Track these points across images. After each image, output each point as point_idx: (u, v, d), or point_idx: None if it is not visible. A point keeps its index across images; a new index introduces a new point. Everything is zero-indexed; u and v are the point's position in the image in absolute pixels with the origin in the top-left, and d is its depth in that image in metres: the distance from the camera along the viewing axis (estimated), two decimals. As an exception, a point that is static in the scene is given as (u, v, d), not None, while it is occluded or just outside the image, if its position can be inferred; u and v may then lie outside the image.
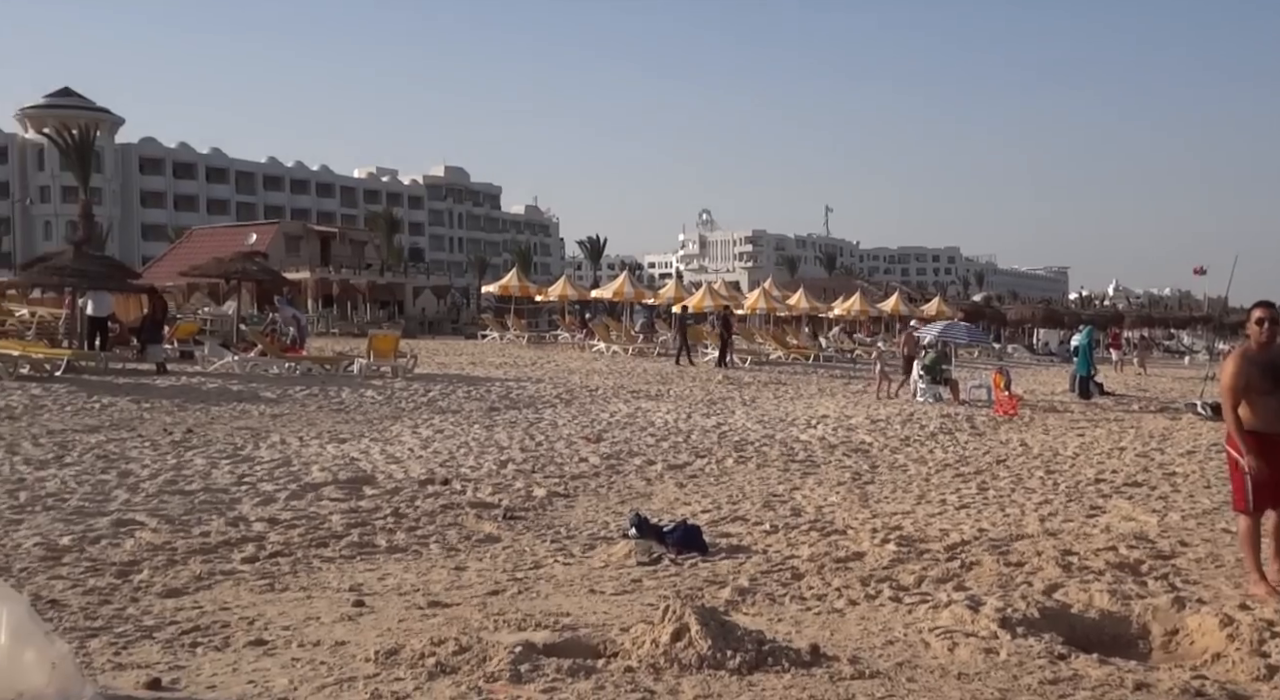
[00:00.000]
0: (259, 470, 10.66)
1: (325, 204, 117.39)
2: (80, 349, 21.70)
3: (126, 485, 9.56)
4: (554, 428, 15.27)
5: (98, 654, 4.86)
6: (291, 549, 7.35)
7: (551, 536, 8.06)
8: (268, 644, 5.03)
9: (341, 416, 15.87)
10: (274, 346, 23.82)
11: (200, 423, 14.31)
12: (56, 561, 6.74)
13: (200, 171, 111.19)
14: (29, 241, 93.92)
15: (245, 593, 6.17)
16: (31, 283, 25.77)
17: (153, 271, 49.15)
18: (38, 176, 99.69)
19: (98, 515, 8.21)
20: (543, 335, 45.09)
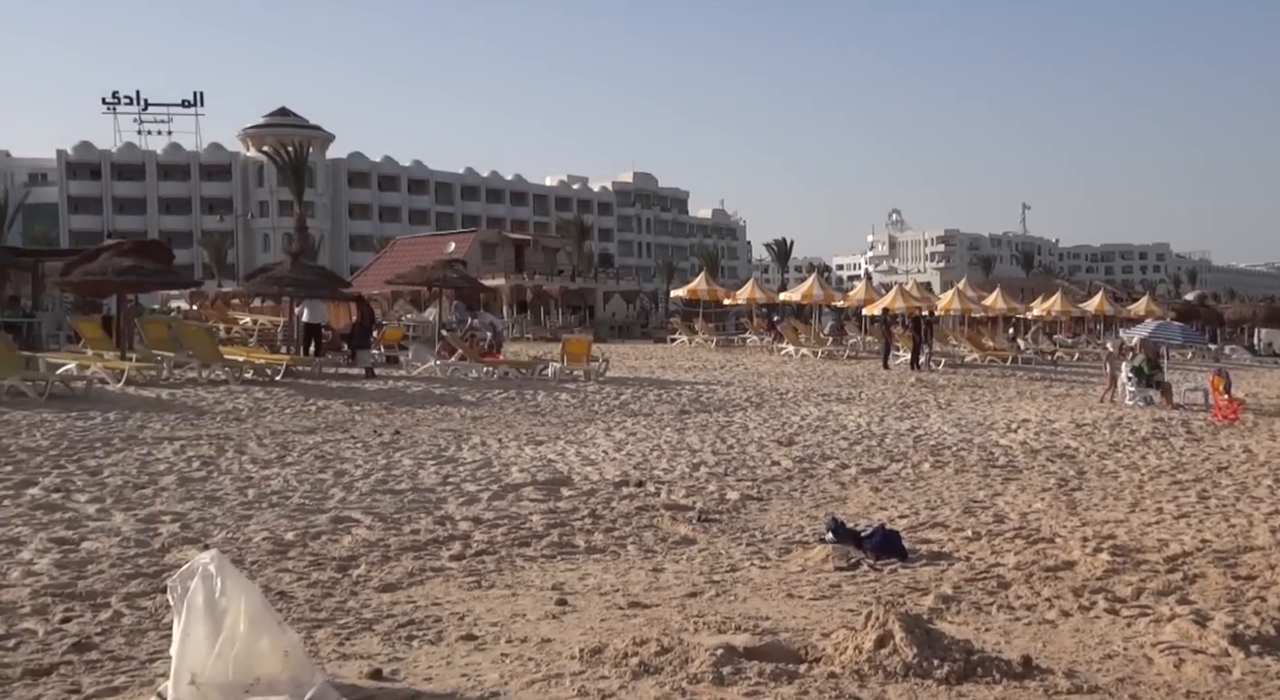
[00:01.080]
0: (462, 471, 11.04)
1: (519, 212, 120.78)
2: (297, 354, 22.97)
3: (342, 484, 10.07)
4: (745, 431, 15.26)
5: (323, 644, 5.14)
6: (495, 547, 7.58)
7: (746, 540, 8.05)
8: (478, 639, 5.21)
9: (538, 419, 16.28)
10: (473, 351, 24.64)
11: (406, 425, 14.94)
12: (283, 555, 7.15)
13: (403, 184, 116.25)
14: (250, 253, 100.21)
15: (454, 589, 6.40)
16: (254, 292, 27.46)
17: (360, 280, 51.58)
18: (257, 192, 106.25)
19: (317, 512, 8.67)
20: (731, 338, 45.09)
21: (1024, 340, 42.89)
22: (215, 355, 20.63)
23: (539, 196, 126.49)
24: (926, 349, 31.00)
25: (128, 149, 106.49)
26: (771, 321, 46.67)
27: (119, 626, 5.45)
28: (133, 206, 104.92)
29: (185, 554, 6.99)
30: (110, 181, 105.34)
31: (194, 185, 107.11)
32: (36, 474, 9.99)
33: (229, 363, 20.60)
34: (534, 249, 66.78)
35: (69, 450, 11.50)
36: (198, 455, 11.54)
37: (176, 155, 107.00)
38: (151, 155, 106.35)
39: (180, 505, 8.79)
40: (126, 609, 5.75)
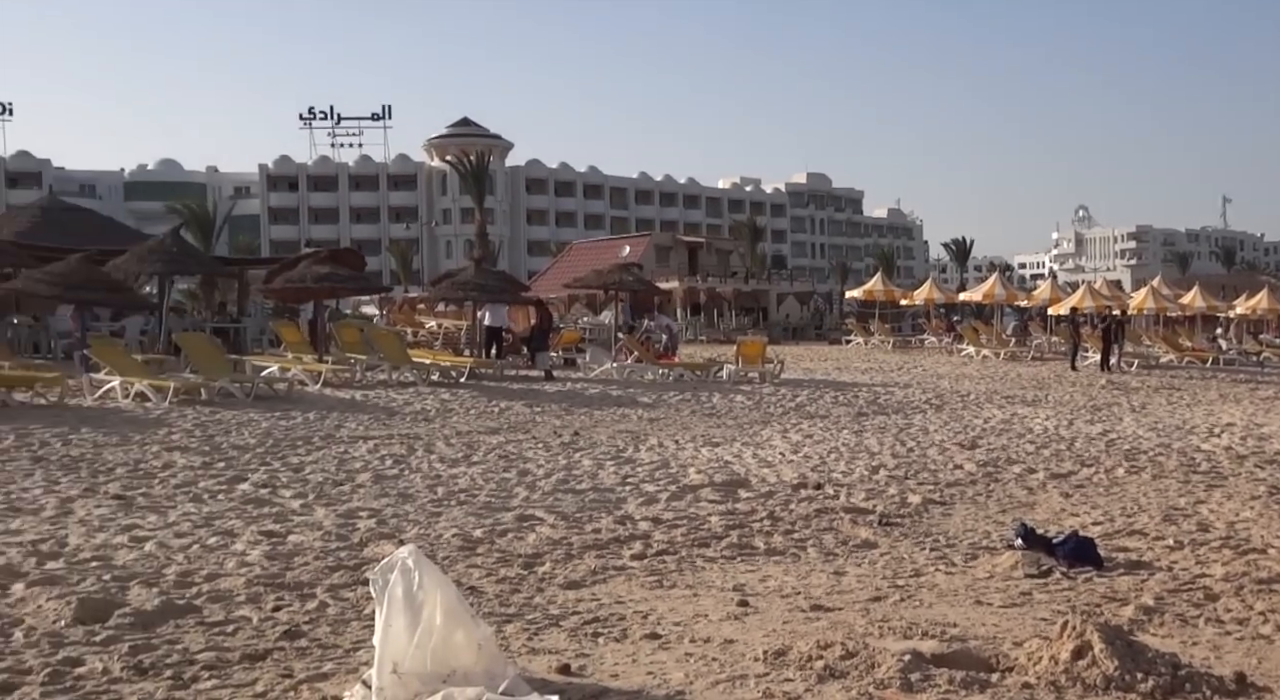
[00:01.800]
0: (640, 472, 11.18)
1: (692, 215, 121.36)
2: (480, 357, 23.69)
3: (525, 483, 10.34)
4: (925, 433, 14.93)
5: (512, 638, 5.30)
6: (675, 548, 7.65)
7: (930, 544, 7.88)
8: (661, 638, 5.27)
9: (713, 421, 16.32)
10: (649, 353, 24.89)
11: (585, 426, 15.21)
12: (472, 551, 7.40)
13: (578, 189, 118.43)
14: (434, 259, 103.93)
15: (637, 588, 6.49)
16: (439, 297, 28.45)
17: (537, 284, 52.76)
18: (440, 200, 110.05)
19: (503, 510, 8.93)
20: (908, 339, 44.15)
21: (1225, 340, 40.52)
22: (404, 358, 21.46)
23: (712, 199, 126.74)
24: (1118, 349, 29.67)
25: (322, 162, 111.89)
26: (951, 322, 45.48)
27: (324, 616, 5.74)
28: (326, 216, 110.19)
29: (382, 548, 7.30)
30: (306, 193, 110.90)
31: (382, 195, 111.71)
32: (246, 470, 10.62)
33: (417, 365, 21.40)
34: (707, 251, 66.97)
35: (274, 448, 12.17)
36: (390, 454, 12.04)
37: (366, 166, 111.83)
38: (344, 167, 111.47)
39: (375, 502, 9.19)
40: (331, 599, 6.05)
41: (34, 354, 23.67)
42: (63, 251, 22.35)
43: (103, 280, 19.39)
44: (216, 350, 19.00)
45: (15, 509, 8.42)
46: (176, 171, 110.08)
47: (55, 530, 7.67)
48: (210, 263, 29.63)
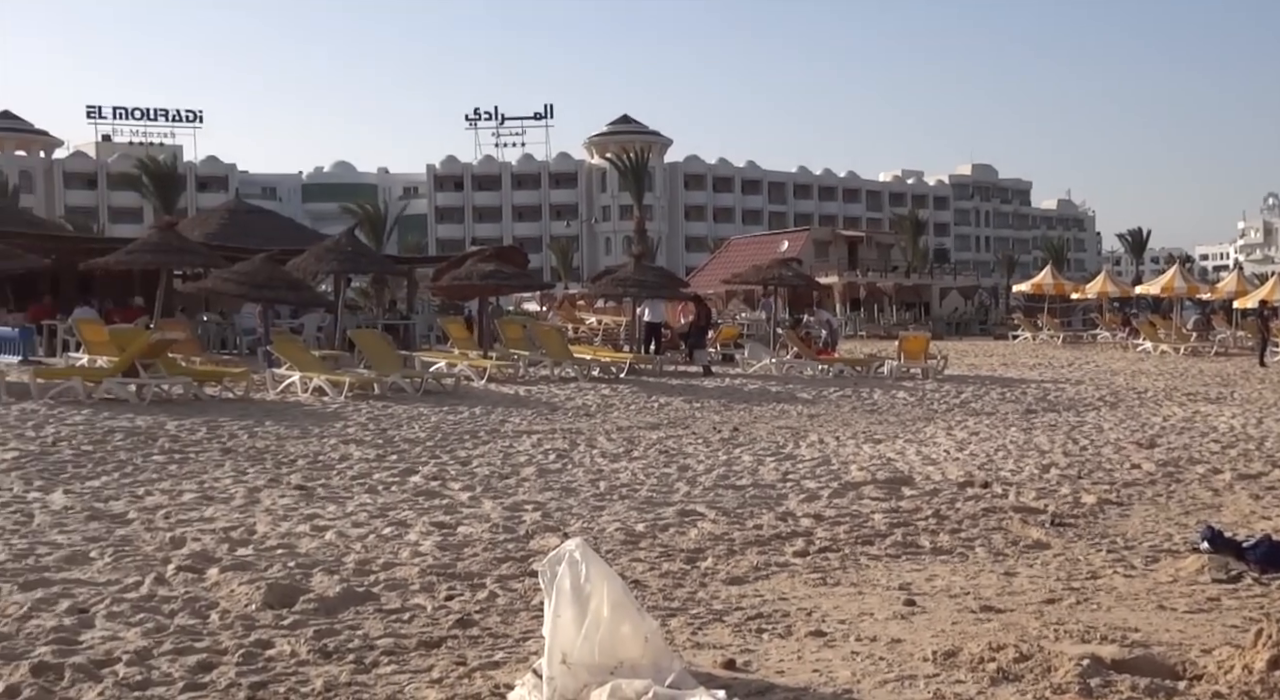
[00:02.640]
0: (801, 468, 11.09)
1: (851, 209, 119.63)
2: (639, 353, 23.90)
3: (685, 478, 10.39)
4: (1099, 432, 14.36)
5: (677, 632, 5.34)
6: (838, 545, 7.57)
7: (1107, 546, 7.58)
8: (827, 636, 5.23)
9: (875, 417, 16.07)
10: (808, 349, 24.66)
11: (744, 422, 15.18)
12: (634, 545, 7.48)
13: (736, 184, 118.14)
14: (593, 256, 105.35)
15: (800, 585, 6.45)
16: (599, 293, 28.83)
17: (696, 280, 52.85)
18: (600, 198, 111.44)
19: (664, 505, 8.99)
20: (1079, 334, 42.54)
21: None
22: (566, 354, 21.84)
23: (872, 192, 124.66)
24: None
25: (486, 161, 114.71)
26: (1126, 316, 43.59)
27: (495, 606, 5.90)
28: (490, 215, 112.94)
29: (547, 541, 7.46)
30: (471, 192, 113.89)
31: (543, 193, 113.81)
32: (417, 463, 10.99)
33: (578, 361, 21.74)
34: (867, 246, 65.92)
35: (442, 442, 12.55)
36: (553, 448, 12.27)
37: (528, 165, 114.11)
38: (507, 166, 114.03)
39: (540, 495, 9.38)
40: (500, 590, 6.21)
41: (221, 349, 25.03)
42: (248, 252, 23.55)
43: (284, 279, 20.33)
44: (388, 346, 19.71)
45: (208, 497, 8.92)
46: (350, 173, 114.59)
47: (244, 518, 8.09)
48: (382, 261, 30.72)
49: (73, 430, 12.29)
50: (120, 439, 11.84)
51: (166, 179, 67.37)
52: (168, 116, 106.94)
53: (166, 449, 11.38)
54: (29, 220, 39.76)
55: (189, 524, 7.83)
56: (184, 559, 6.69)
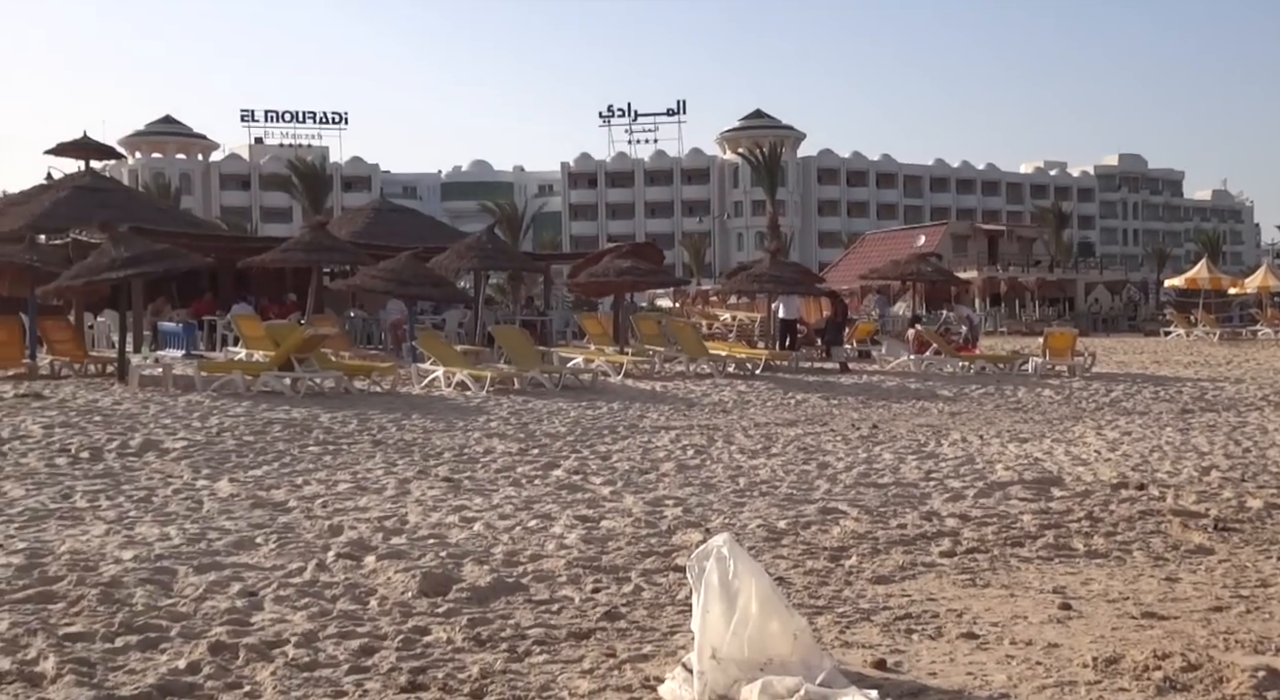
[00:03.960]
0: (944, 467, 10.89)
1: (991, 202, 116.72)
2: (774, 349, 23.79)
3: (825, 476, 10.31)
4: (1263, 433, 13.70)
5: (824, 630, 5.31)
6: (986, 546, 7.41)
7: (1277, 553, 7.24)
8: (979, 638, 5.13)
9: (1020, 415, 15.66)
10: (948, 345, 24.18)
11: (884, 419, 14.98)
12: (777, 542, 7.46)
13: (870, 178, 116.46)
14: (725, 252, 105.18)
15: (948, 586, 6.35)
16: (734, 289, 28.81)
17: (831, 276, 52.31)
18: (732, 193, 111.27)
19: (805, 502, 8.94)
20: (1237, 331, 40.63)
21: None
22: (701, 350, 21.88)
23: (1013, 184, 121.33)
24: None
25: (619, 158, 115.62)
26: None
27: (640, 599, 5.96)
28: (623, 211, 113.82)
29: (689, 536, 7.50)
30: (604, 189, 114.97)
31: (675, 189, 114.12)
32: (558, 457, 11.17)
33: (713, 357, 21.76)
34: (1008, 239, 64.27)
35: (582, 437, 12.72)
36: (691, 444, 12.31)
37: (661, 162, 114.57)
38: (639, 163, 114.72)
39: (680, 490, 9.43)
40: (645, 584, 6.28)
41: (367, 345, 25.85)
42: (392, 249, 24.28)
43: (428, 276, 20.90)
44: (528, 342, 20.08)
45: (362, 487, 9.24)
46: (487, 172, 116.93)
47: (396, 508, 8.35)
48: (521, 258, 31.31)
49: (235, 421, 12.87)
50: (278, 430, 12.35)
51: (314, 179, 69.82)
52: (315, 119, 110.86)
53: (321, 440, 11.82)
54: (190, 221, 41.76)
55: (345, 513, 8.13)
56: (342, 546, 6.95)
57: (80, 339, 19.94)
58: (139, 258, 16.48)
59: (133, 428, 12.09)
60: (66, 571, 6.11)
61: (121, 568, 6.24)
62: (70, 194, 32.73)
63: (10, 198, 36.43)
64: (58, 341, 18.40)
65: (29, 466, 9.70)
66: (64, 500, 8.32)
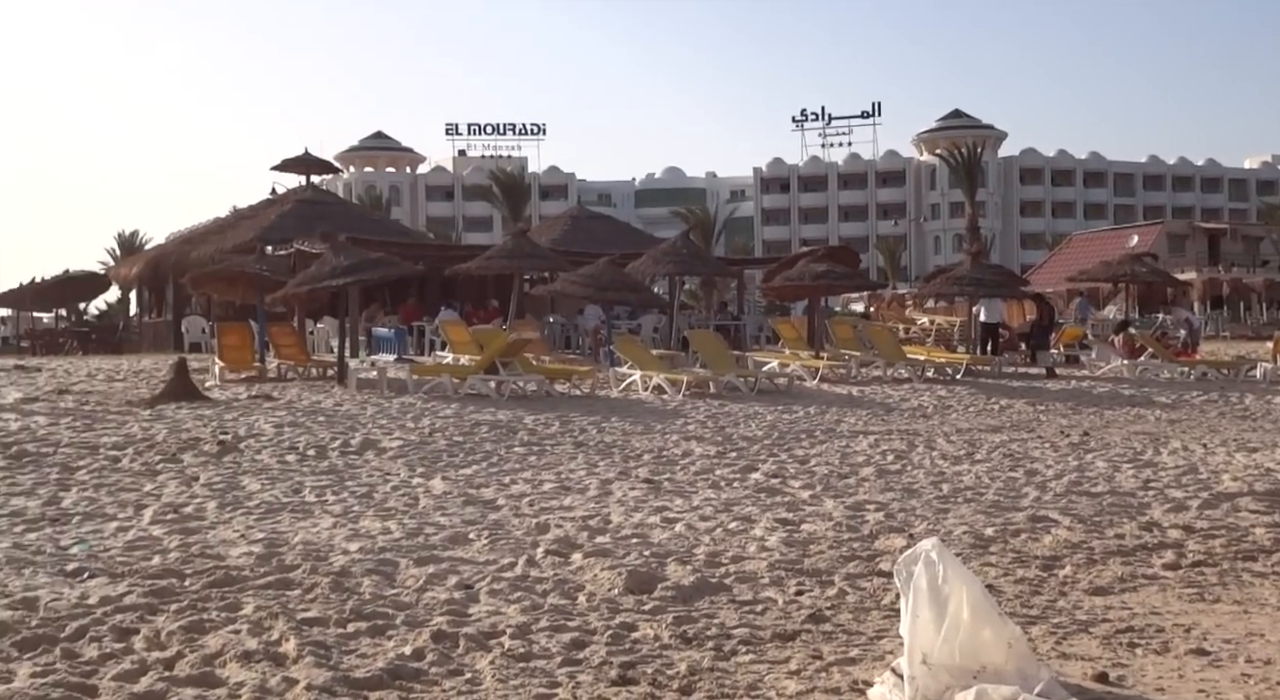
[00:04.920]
0: (1164, 476, 10.36)
1: (1211, 199, 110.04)
2: (976, 354, 23.11)
3: (1034, 483, 9.96)
4: None
5: (1039, 640, 5.15)
6: (1214, 559, 7.02)
7: None
8: (1210, 655, 4.88)
9: (1248, 423, 14.76)
10: (1165, 350, 22.95)
11: (1095, 426, 14.36)
12: (984, 550, 7.27)
13: (1077, 177, 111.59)
14: (921, 256, 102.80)
15: (1173, 599, 6.05)
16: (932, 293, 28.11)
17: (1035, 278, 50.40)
18: (929, 195, 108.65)
19: (1013, 510, 8.67)
20: None
21: None
22: (899, 354, 21.48)
23: (1236, 180, 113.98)
24: None
25: (812, 162, 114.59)
26: None
27: (844, 603, 5.92)
28: (815, 216, 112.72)
29: (892, 541, 7.40)
30: (797, 194, 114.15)
31: (870, 193, 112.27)
32: (756, 460, 11.18)
33: (911, 362, 21.32)
34: (1231, 239, 60.45)
35: (779, 440, 12.70)
36: (891, 449, 12.12)
37: (854, 165, 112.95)
38: (833, 166, 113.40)
39: (881, 495, 9.29)
40: (849, 588, 6.23)
41: (565, 349, 26.49)
42: (590, 256, 24.81)
43: (625, 281, 21.28)
44: (723, 346, 20.17)
45: (566, 487, 9.50)
46: (680, 179, 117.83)
47: (599, 508, 8.55)
48: (715, 263, 31.45)
49: (445, 422, 13.43)
50: (486, 431, 12.82)
51: (515, 189, 72.03)
52: (515, 130, 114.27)
53: (526, 441, 12.20)
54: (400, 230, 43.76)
55: (551, 511, 8.37)
56: (550, 544, 7.16)
57: (303, 343, 21.17)
58: (357, 266, 17.41)
59: (353, 428, 12.77)
60: (301, 560, 6.53)
61: (349, 558, 6.62)
62: (294, 207, 34.84)
63: (240, 212, 39.02)
64: (284, 346, 19.59)
65: (263, 463, 10.39)
66: (295, 495, 8.88)
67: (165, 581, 5.95)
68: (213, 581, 5.98)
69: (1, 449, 10.50)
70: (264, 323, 20.29)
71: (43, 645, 4.84)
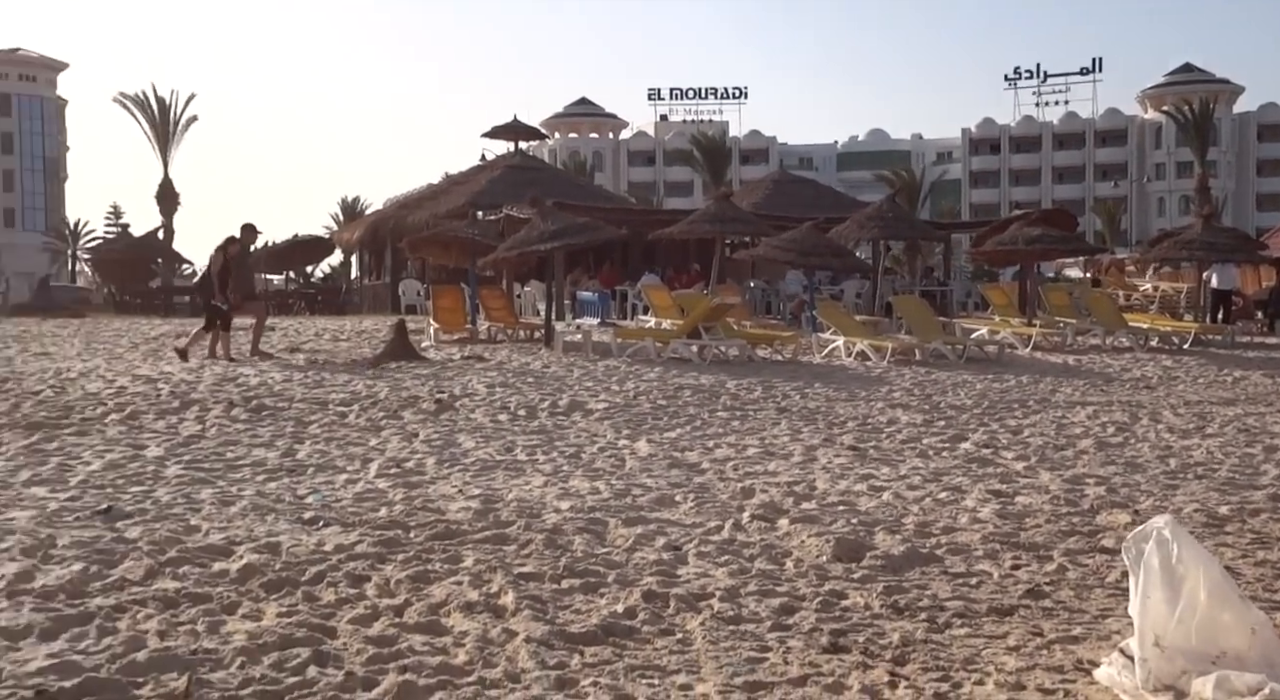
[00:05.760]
0: None
1: None
2: (1206, 322, 21.75)
3: (1275, 460, 9.33)
4: None
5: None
6: None
7: None
8: None
9: None
10: None
11: (1344, 401, 13.32)
12: (1219, 530, 6.86)
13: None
14: (1143, 219, 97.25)
15: None
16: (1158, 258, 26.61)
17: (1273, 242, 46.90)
18: (1153, 155, 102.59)
19: (1250, 488, 8.14)
20: None
21: None
22: (1119, 322, 20.46)
23: None
24: None
25: (1025, 122, 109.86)
26: None
27: (1065, 579, 5.70)
28: (1027, 178, 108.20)
29: (1115, 517, 7.07)
30: (1008, 155, 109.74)
31: (1088, 153, 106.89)
32: (965, 430, 10.87)
33: (1133, 330, 20.27)
34: None
35: (990, 410, 12.30)
36: (1111, 421, 11.57)
37: (1071, 124, 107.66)
38: (1047, 126, 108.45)
39: (1101, 469, 8.88)
40: (1069, 564, 5.99)
41: (765, 315, 26.37)
42: (791, 220, 24.56)
43: (828, 246, 20.98)
44: (929, 313, 19.65)
45: (769, 453, 9.48)
46: (883, 141, 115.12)
47: (804, 475, 8.49)
48: (923, 227, 30.60)
49: (648, 386, 13.61)
50: (689, 395, 12.92)
51: (716, 153, 71.93)
52: (716, 94, 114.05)
53: (728, 406, 12.23)
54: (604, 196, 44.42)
55: (755, 476, 8.37)
56: (755, 509, 7.17)
57: (511, 306, 21.82)
58: (564, 230, 17.78)
59: (560, 389, 13.10)
60: (515, 517, 6.75)
61: (560, 517, 6.80)
62: (503, 173, 35.82)
63: (452, 178, 40.41)
64: (493, 309, 20.24)
65: (477, 422, 10.78)
66: (507, 453, 9.18)
67: (392, 532, 6.26)
68: (434, 534, 6.25)
69: (243, 403, 11.27)
70: (475, 286, 20.99)
71: (286, 587, 5.18)
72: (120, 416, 10.41)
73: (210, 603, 4.91)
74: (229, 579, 5.28)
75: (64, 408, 10.80)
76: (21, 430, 9.59)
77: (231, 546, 5.86)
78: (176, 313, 33.28)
